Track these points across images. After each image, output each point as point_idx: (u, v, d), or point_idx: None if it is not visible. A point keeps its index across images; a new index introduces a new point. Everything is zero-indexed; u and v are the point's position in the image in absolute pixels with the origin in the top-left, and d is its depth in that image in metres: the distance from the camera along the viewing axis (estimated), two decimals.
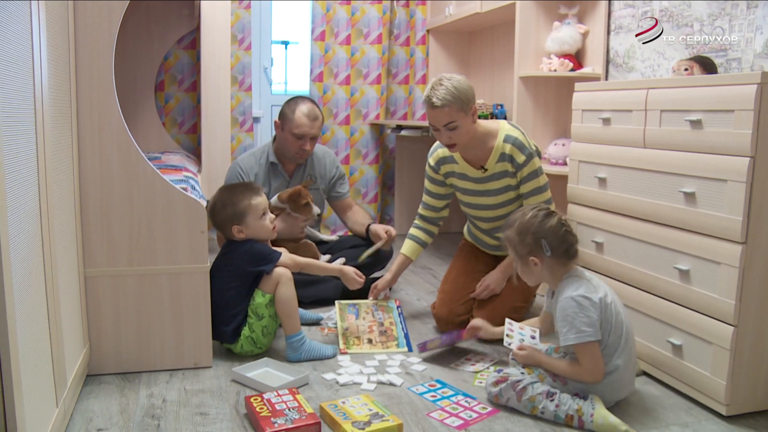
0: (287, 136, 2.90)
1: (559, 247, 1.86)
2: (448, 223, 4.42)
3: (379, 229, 2.89)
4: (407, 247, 2.65)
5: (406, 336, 2.37)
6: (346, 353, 2.28)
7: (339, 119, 4.35)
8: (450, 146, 2.33)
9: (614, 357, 1.82)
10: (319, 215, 2.89)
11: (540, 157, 2.41)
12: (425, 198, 2.64)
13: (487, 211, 2.51)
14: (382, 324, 2.41)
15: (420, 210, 2.67)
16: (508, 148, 2.33)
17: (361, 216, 3.13)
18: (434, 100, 2.22)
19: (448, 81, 2.24)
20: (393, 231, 2.85)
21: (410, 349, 2.28)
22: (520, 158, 2.33)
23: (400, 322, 2.45)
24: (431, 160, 2.54)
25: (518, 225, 1.91)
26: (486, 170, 2.40)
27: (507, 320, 2.07)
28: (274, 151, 3.00)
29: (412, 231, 2.67)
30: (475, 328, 2.23)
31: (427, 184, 2.61)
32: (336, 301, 2.53)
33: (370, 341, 2.31)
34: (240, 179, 2.88)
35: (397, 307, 2.53)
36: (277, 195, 2.82)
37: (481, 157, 2.40)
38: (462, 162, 2.45)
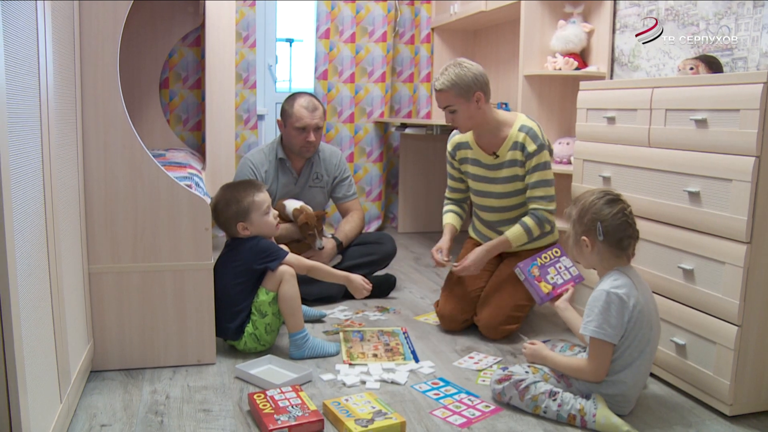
0: (291, 132, 2.94)
1: (613, 234, 1.82)
2: None
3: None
4: (449, 218, 2.70)
5: (413, 352, 2.31)
6: (350, 363, 2.20)
7: (343, 117, 4.35)
8: (454, 127, 2.50)
9: (622, 372, 1.80)
10: (321, 249, 2.85)
11: (551, 153, 2.47)
12: (450, 182, 2.74)
13: (494, 199, 2.54)
14: (387, 344, 2.37)
15: (447, 194, 2.76)
16: (521, 136, 2.40)
17: (344, 224, 3.08)
18: (436, 83, 2.40)
19: (454, 68, 2.37)
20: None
21: (417, 361, 2.23)
22: (531, 147, 2.39)
23: (407, 343, 2.40)
24: (449, 146, 2.66)
25: (581, 203, 1.88)
26: (498, 156, 2.47)
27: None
28: (283, 149, 3.03)
29: (448, 207, 2.73)
30: (565, 301, 2.09)
31: (448, 168, 2.72)
32: (340, 331, 2.49)
33: (375, 356, 2.26)
34: (252, 174, 2.93)
35: (404, 333, 2.50)
36: (295, 209, 2.83)
37: (495, 144, 2.47)
38: (476, 147, 2.53)
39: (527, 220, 2.43)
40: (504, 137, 2.45)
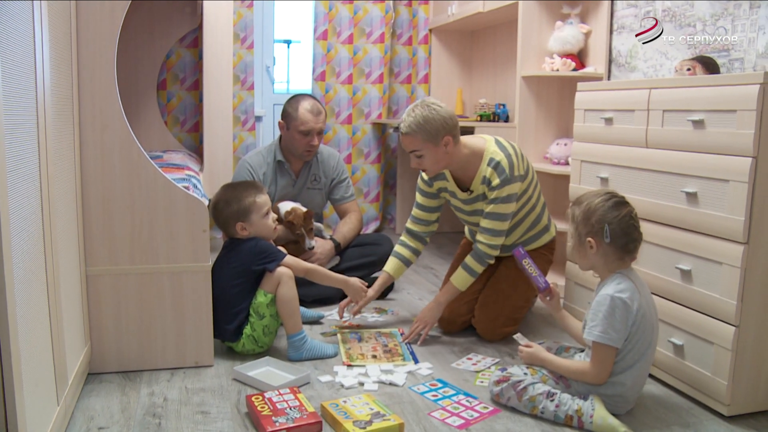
0: (294, 135, 2.92)
1: (620, 237, 1.81)
2: (449, 223, 4.42)
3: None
4: (390, 265, 2.59)
5: (412, 353, 2.31)
6: (349, 365, 2.20)
7: (341, 118, 4.35)
8: (422, 170, 2.36)
9: (622, 374, 1.80)
10: (311, 248, 2.84)
11: (524, 180, 2.35)
12: (415, 212, 2.58)
13: (477, 227, 2.50)
14: (386, 345, 2.37)
15: (408, 224, 2.60)
16: (488, 171, 2.30)
17: (341, 225, 3.08)
18: (401, 126, 2.27)
19: (421, 110, 2.24)
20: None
21: (416, 362, 2.22)
22: (495, 181, 2.29)
23: (406, 344, 2.39)
24: (425, 174, 2.50)
25: (586, 204, 1.86)
26: (472, 192, 2.40)
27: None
28: (281, 150, 3.02)
29: (397, 248, 2.60)
30: (555, 294, 2.07)
31: (418, 197, 2.56)
32: (338, 332, 2.48)
33: (374, 356, 2.26)
34: (250, 176, 2.92)
35: (402, 334, 2.49)
36: (286, 211, 2.82)
37: (468, 178, 2.39)
38: (452, 181, 2.45)
39: (468, 259, 2.39)
40: (475, 171, 2.34)
